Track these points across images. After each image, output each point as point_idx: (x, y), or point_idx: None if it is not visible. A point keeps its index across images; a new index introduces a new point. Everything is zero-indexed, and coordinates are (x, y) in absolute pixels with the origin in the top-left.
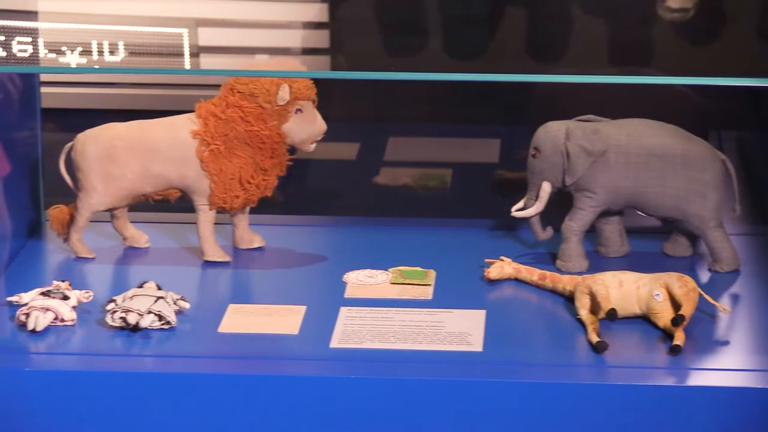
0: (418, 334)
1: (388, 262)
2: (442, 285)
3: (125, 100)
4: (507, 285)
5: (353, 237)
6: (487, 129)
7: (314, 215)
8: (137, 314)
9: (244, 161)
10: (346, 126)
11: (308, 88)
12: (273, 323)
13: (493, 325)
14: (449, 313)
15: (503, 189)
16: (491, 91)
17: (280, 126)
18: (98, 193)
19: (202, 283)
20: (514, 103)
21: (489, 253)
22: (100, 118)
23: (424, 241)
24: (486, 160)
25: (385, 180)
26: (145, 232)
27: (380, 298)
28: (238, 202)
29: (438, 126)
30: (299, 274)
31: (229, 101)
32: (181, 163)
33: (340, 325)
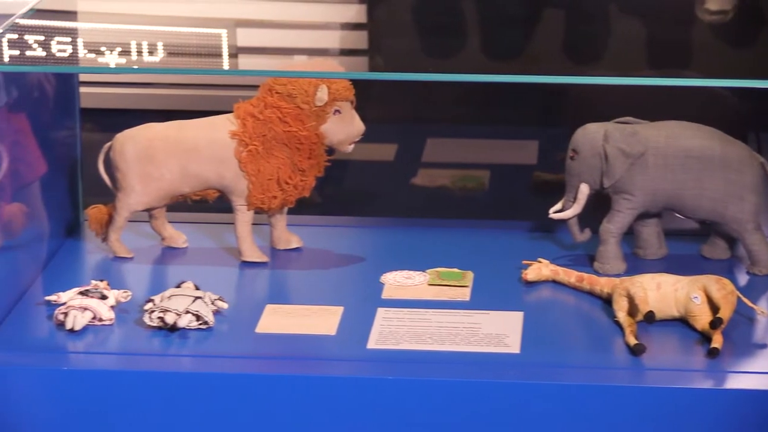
0: (455, 336)
1: (425, 264)
2: (480, 286)
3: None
4: (544, 287)
5: (391, 238)
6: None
7: (352, 216)
8: (175, 314)
9: (282, 162)
10: (384, 127)
11: (346, 89)
12: (310, 324)
13: (531, 327)
14: (486, 314)
15: (541, 191)
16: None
17: (318, 127)
18: (136, 193)
19: (240, 283)
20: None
21: (527, 255)
22: (139, 119)
23: (462, 242)
24: (524, 162)
25: (423, 181)
26: (183, 232)
27: (417, 299)
28: (276, 203)
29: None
30: (337, 274)
31: (268, 102)
32: (220, 163)
33: (377, 326)
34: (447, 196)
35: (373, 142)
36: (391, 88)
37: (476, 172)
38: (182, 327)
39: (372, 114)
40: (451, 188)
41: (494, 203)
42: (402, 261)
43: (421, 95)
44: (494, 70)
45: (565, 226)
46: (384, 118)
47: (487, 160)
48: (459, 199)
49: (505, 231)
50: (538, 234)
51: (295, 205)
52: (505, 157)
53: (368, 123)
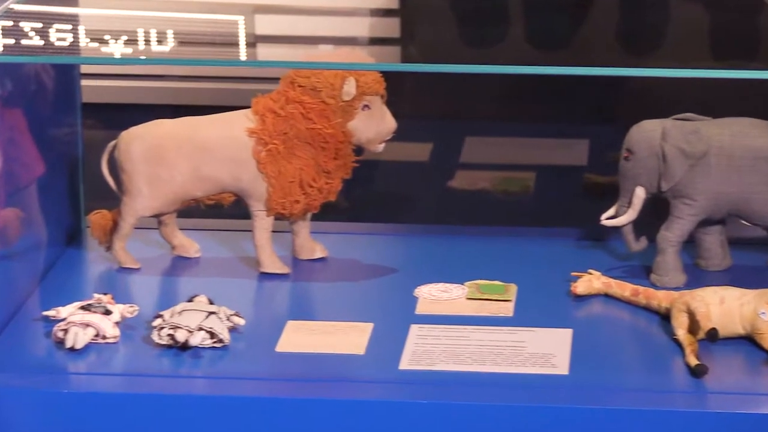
0: (497, 355)
1: (463, 275)
2: (524, 301)
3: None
4: (596, 301)
5: (425, 247)
6: (574, 128)
7: (382, 222)
8: (186, 331)
9: (306, 162)
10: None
11: (376, 82)
12: (336, 342)
13: (581, 346)
14: (532, 331)
15: (592, 195)
16: (579, 85)
17: (345, 123)
18: (144, 196)
19: (258, 297)
20: (604, 100)
21: (576, 266)
22: (147, 114)
23: (504, 252)
24: (573, 163)
25: (461, 184)
26: (196, 240)
27: (455, 314)
28: (299, 208)
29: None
30: (365, 287)
31: (289, 96)
32: (236, 164)
33: (410, 345)
34: (487, 200)
35: (405, 141)
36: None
37: (520, 174)
38: (194, 345)
39: (405, 110)
40: (492, 192)
41: (540, 208)
42: (438, 272)
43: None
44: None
45: (618, 234)
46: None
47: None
48: (501, 204)
49: (552, 239)
50: (588, 243)
51: (319, 211)
52: (552, 157)
53: (400, 120)
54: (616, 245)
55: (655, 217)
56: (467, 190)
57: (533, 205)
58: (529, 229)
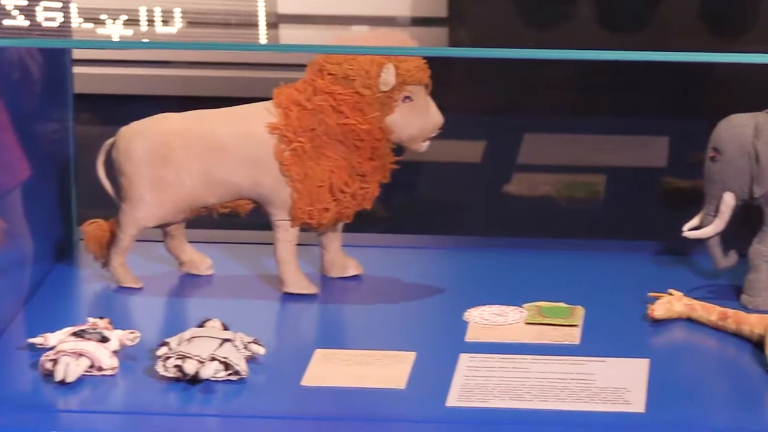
0: (562, 390)
1: (522, 296)
2: (593, 326)
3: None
4: (677, 326)
5: (477, 263)
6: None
7: (426, 234)
8: (197, 362)
9: (337, 164)
10: (467, 119)
11: (420, 69)
12: (372, 374)
13: (659, 379)
14: (602, 362)
15: (672, 201)
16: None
17: (383, 118)
18: (147, 204)
19: (281, 321)
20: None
21: (654, 286)
22: (150, 107)
23: (570, 268)
24: (650, 164)
25: (519, 189)
26: (208, 254)
27: (512, 342)
28: (328, 217)
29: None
30: (406, 310)
31: (317, 86)
32: (255, 165)
33: (459, 378)
34: (550, 208)
35: (453, 139)
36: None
37: (587, 177)
38: (206, 378)
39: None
40: (556, 198)
41: (611, 217)
42: (491, 293)
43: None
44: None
45: (703, 248)
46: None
47: (602, 161)
48: (566, 213)
49: (626, 254)
50: (668, 258)
51: (352, 221)
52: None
53: (447, 113)
54: (701, 261)
55: (747, 227)
56: (526, 195)
57: (603, 213)
58: (599, 242)
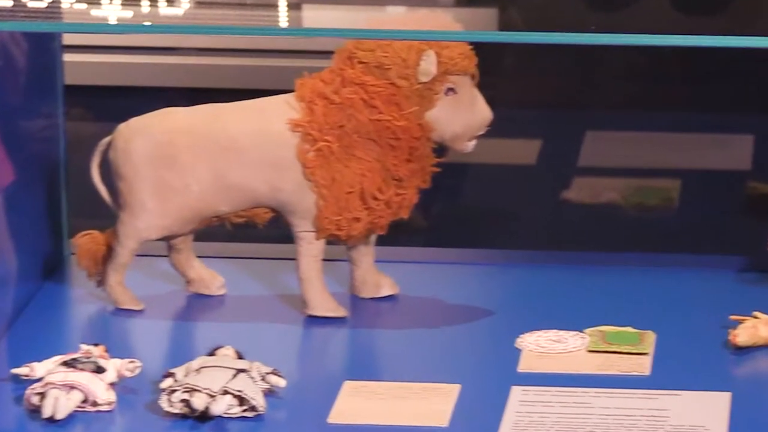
0: (630, 429)
1: (584, 320)
2: (666, 354)
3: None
4: (763, 355)
5: (531, 281)
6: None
7: (472, 248)
8: (207, 395)
9: (369, 167)
10: (521, 114)
11: (465, 57)
12: (411, 410)
13: (743, 416)
14: (676, 396)
15: (758, 209)
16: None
17: (423, 113)
18: (149, 212)
19: (305, 349)
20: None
21: (736, 308)
22: (152, 101)
23: (639, 287)
24: (733, 167)
25: (580, 195)
26: (219, 271)
27: (572, 373)
28: (359, 228)
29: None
30: (449, 336)
31: (347, 76)
32: (274, 168)
33: (510, 414)
34: (617, 217)
35: (505, 137)
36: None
37: (660, 182)
38: (218, 415)
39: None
40: (623, 206)
41: (687, 229)
42: (549, 315)
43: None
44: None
45: None
46: (522, 101)
47: (677, 164)
48: (634, 223)
49: (704, 270)
50: (753, 275)
51: (387, 233)
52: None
53: (497, 109)
54: None
55: None
56: (588, 203)
57: (678, 224)
58: (673, 257)
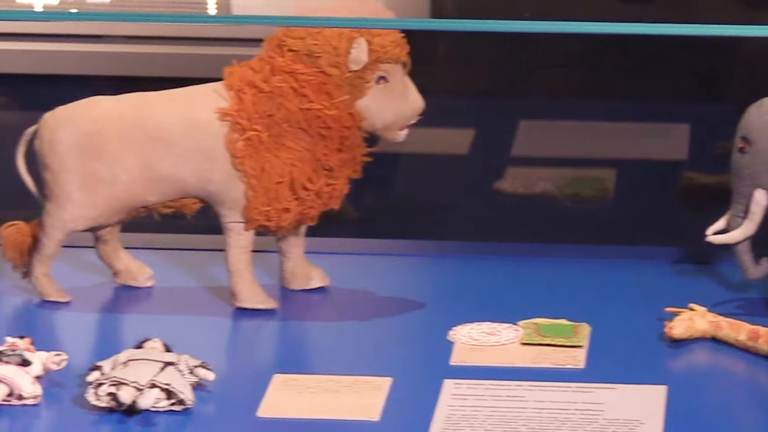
0: (564, 423)
1: (517, 312)
2: (600, 347)
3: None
4: (699, 347)
5: (464, 273)
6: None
7: (404, 239)
8: (134, 389)
9: (299, 156)
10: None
11: (396, 45)
12: (341, 404)
13: (679, 409)
14: (611, 390)
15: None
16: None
17: (354, 102)
18: (76, 203)
19: (234, 341)
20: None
21: (672, 300)
22: (79, 89)
23: (573, 279)
24: (668, 157)
25: (514, 185)
26: (147, 263)
27: (505, 366)
28: (289, 219)
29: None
30: (381, 328)
31: (276, 65)
32: (203, 158)
33: (443, 407)
34: (551, 208)
35: (437, 127)
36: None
37: (595, 172)
38: (145, 408)
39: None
40: (558, 196)
41: (622, 220)
42: (481, 308)
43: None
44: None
45: (730, 255)
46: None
47: (612, 154)
48: (569, 213)
49: (639, 262)
50: (689, 267)
51: (317, 223)
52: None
53: (429, 97)
54: (728, 270)
55: None
56: (522, 194)
57: (613, 214)
58: (608, 248)
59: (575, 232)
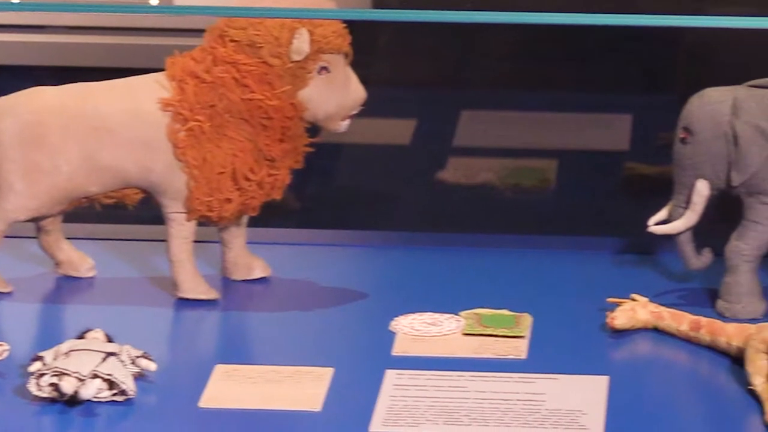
0: (506, 413)
1: (459, 303)
2: (542, 337)
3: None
4: (641, 338)
5: (406, 263)
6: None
7: (346, 229)
8: (76, 379)
9: (241, 147)
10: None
11: (338, 35)
12: (283, 394)
13: (620, 399)
14: (553, 380)
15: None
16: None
17: (296, 93)
18: (17, 194)
19: (176, 332)
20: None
21: (614, 290)
22: (19, 80)
23: (515, 270)
24: (610, 148)
25: (456, 176)
26: (89, 253)
27: (447, 356)
28: (231, 209)
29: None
30: (323, 319)
31: (218, 55)
32: (144, 149)
33: (384, 398)
34: (492, 198)
35: (379, 117)
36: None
37: (537, 162)
38: (87, 399)
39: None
40: (499, 187)
41: (564, 210)
42: (423, 298)
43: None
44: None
45: (672, 246)
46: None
47: (554, 144)
48: (511, 204)
49: (581, 253)
50: (630, 257)
51: (259, 214)
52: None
53: (371, 88)
54: (669, 261)
55: (724, 221)
56: (464, 184)
57: (555, 205)
58: (549, 239)
59: (517, 222)
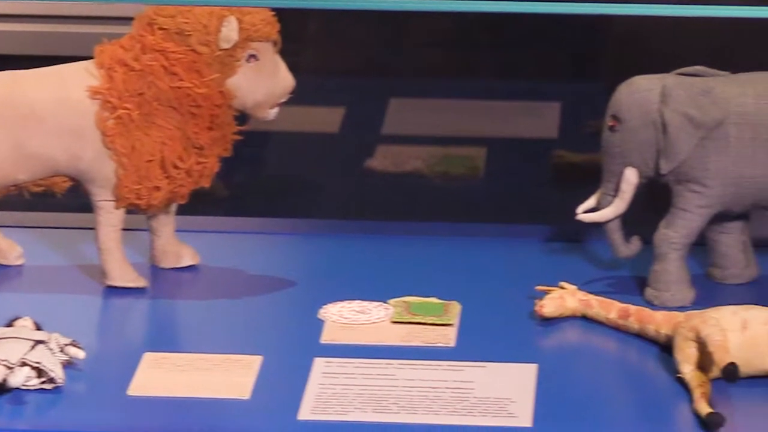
0: (434, 401)
1: (388, 291)
2: (471, 325)
3: None
4: (569, 326)
5: (334, 251)
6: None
7: (274, 217)
8: (4, 367)
9: (170, 135)
10: (324, 81)
11: (267, 23)
12: (211, 382)
13: (549, 388)
14: (482, 368)
15: (564, 179)
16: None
17: (224, 80)
18: None
19: (104, 320)
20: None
21: (542, 278)
22: None
23: (444, 258)
24: (539, 135)
25: (384, 164)
26: (17, 241)
27: (376, 344)
28: (160, 197)
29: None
30: (251, 307)
31: (147, 43)
32: (73, 137)
33: (313, 386)
34: (421, 186)
35: (308, 105)
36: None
37: (466, 150)
38: (15, 387)
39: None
40: (428, 175)
41: (492, 198)
42: (352, 286)
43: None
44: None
45: (601, 233)
46: (325, 68)
47: (482, 132)
48: (439, 192)
49: (509, 240)
50: (559, 245)
51: (188, 201)
52: (510, 127)
53: (300, 76)
54: (598, 249)
55: (652, 209)
56: (392, 172)
57: (484, 193)
58: (478, 227)
59: (445, 210)
